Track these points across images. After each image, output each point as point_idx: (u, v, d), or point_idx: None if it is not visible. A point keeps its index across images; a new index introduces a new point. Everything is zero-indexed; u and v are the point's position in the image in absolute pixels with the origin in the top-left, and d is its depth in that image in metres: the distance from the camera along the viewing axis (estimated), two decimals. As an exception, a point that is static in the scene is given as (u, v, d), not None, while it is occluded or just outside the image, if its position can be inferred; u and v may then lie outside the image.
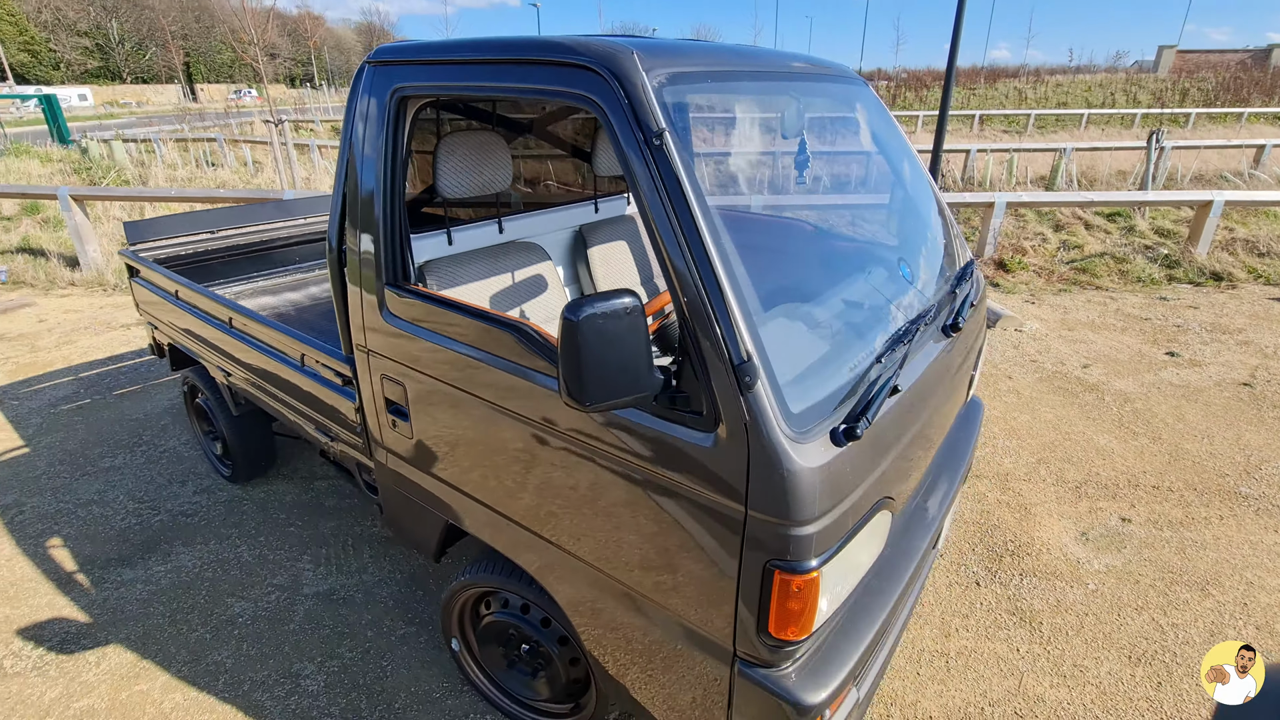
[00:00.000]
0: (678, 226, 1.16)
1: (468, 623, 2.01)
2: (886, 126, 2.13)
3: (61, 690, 2.19)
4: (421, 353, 1.67)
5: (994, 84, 34.17)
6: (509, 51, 1.43)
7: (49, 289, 6.66)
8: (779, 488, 1.12)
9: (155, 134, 14.98)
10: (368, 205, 1.70)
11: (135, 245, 3.30)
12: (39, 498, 3.22)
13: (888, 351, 1.41)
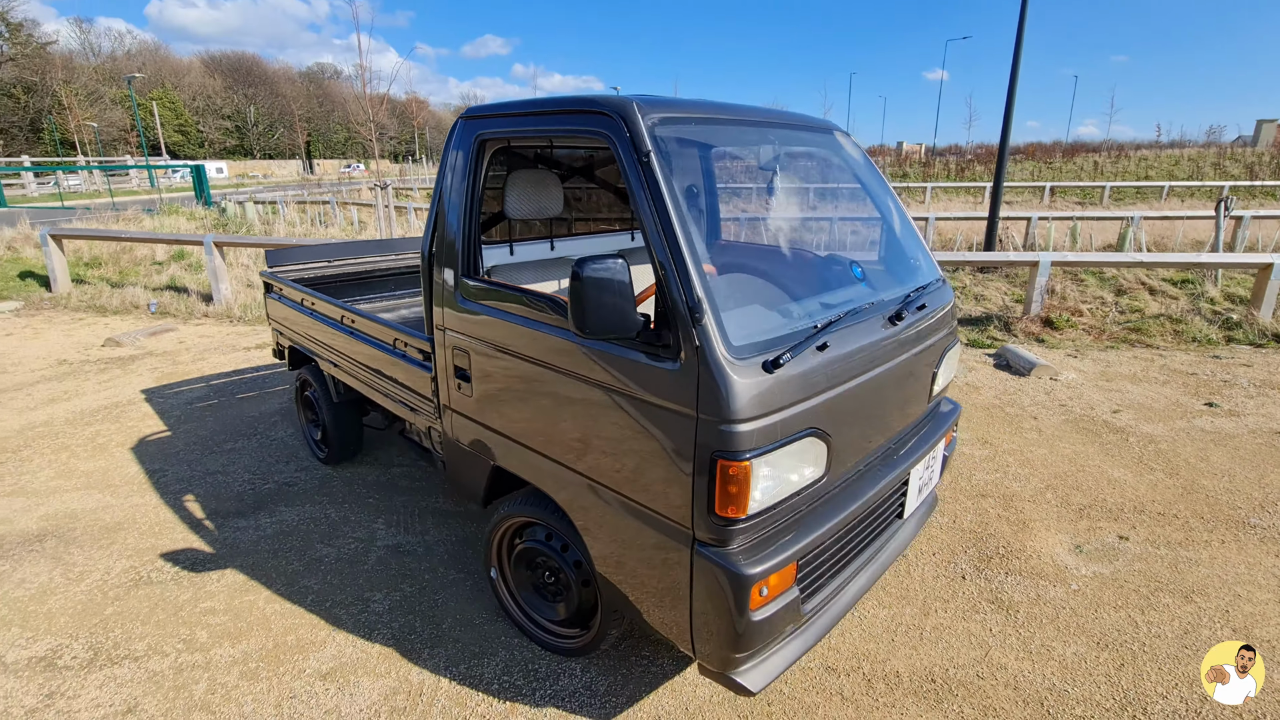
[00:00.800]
0: (655, 215, 1.68)
1: (505, 552, 2.47)
2: (862, 166, 2.62)
3: (190, 595, 2.78)
4: (483, 326, 2.23)
5: (1072, 158, 33.78)
6: (557, 105, 2.03)
7: (188, 319, 7.87)
8: (720, 395, 1.57)
9: (279, 198, 17.20)
10: (454, 218, 2.32)
11: (273, 268, 4.13)
12: (178, 467, 3.97)
13: (826, 322, 1.85)
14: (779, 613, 1.76)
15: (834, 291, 2.15)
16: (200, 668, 2.38)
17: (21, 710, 2.20)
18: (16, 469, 3.96)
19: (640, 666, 2.36)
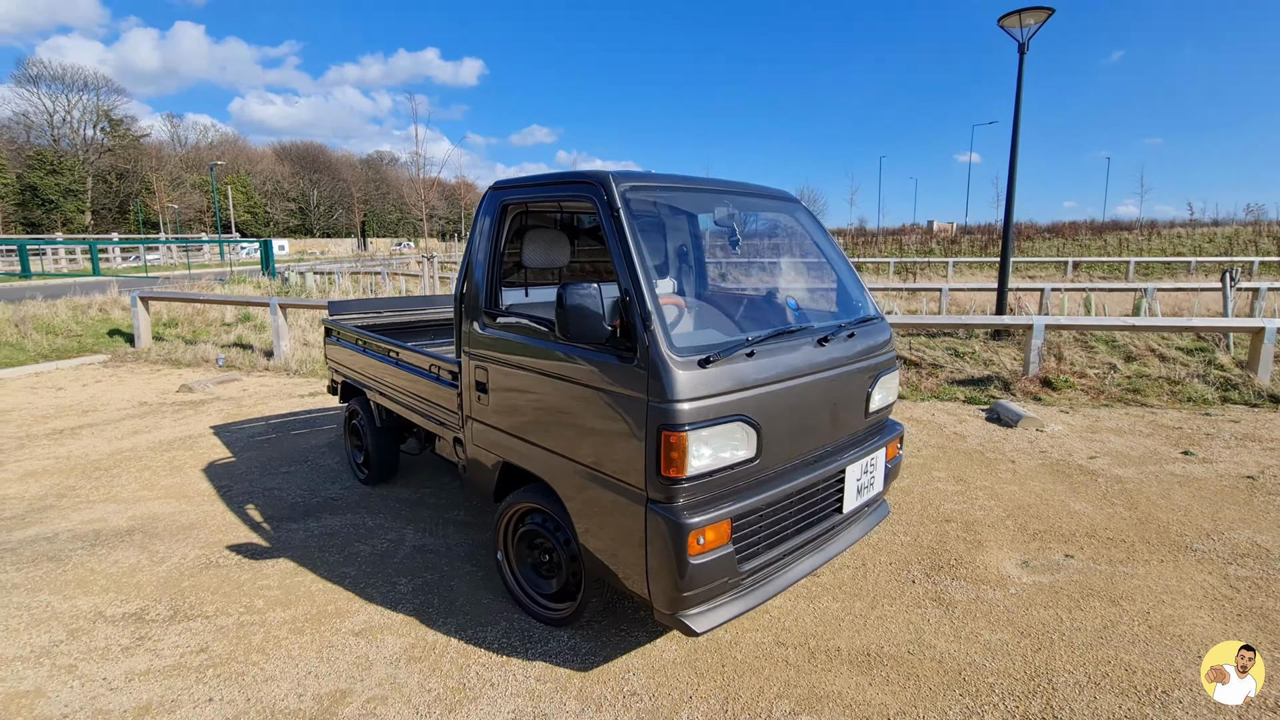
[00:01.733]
0: (621, 253, 2.28)
1: (510, 536, 2.96)
2: (812, 227, 3.22)
3: (250, 576, 3.32)
4: (499, 347, 2.83)
5: (1100, 236, 34.08)
6: (560, 177, 2.71)
7: (251, 371, 8.77)
8: (663, 381, 2.11)
9: (336, 269, 18.76)
10: (480, 265, 2.98)
11: (334, 316, 4.88)
12: (241, 484, 4.60)
13: (759, 338, 2.40)
14: (716, 562, 2.21)
15: (771, 320, 2.70)
16: (257, 625, 2.89)
17: (119, 648, 2.73)
18: (109, 483, 4.64)
19: (618, 636, 2.78)
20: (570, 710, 2.35)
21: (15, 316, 10.31)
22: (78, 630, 2.86)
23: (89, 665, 2.63)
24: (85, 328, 10.60)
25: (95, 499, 4.34)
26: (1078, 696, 2.39)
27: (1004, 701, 2.37)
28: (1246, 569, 3.28)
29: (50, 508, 4.20)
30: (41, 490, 4.50)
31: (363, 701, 2.40)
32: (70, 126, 56.77)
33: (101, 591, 3.18)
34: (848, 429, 2.84)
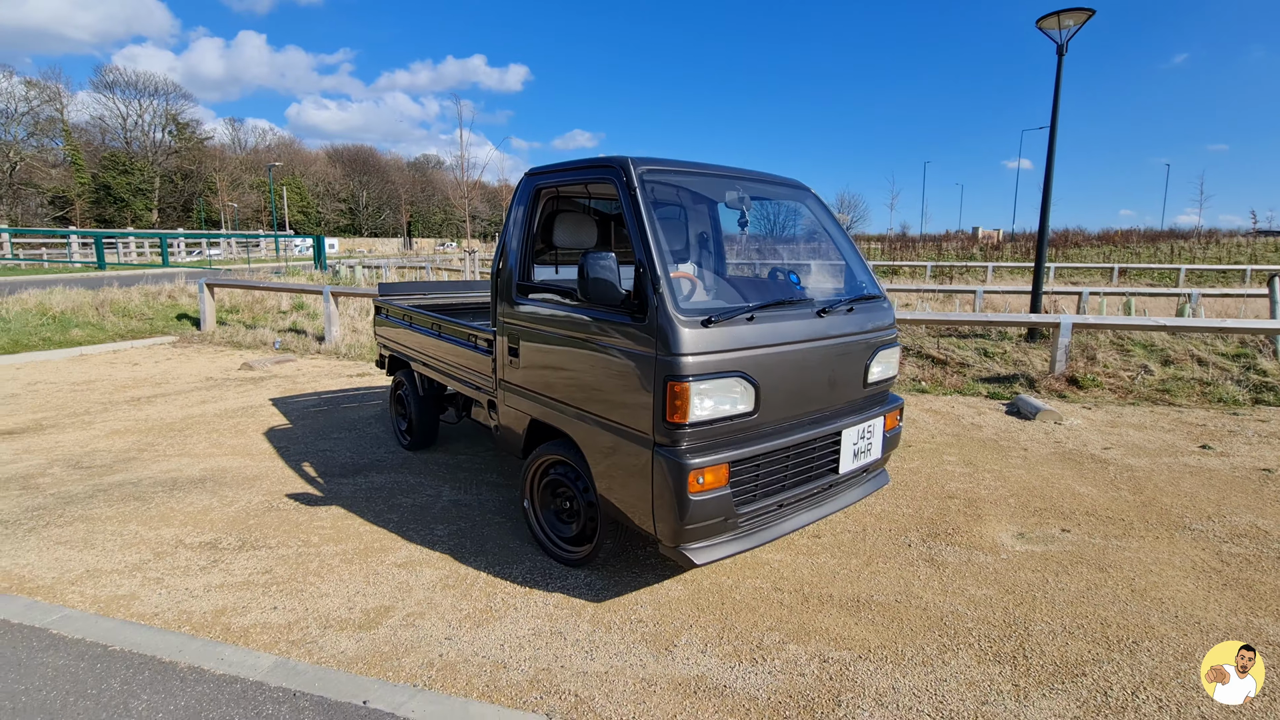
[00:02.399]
0: (636, 228, 2.58)
1: (536, 485, 3.29)
2: (821, 213, 3.46)
3: (307, 518, 3.73)
4: (529, 315, 3.16)
5: (1153, 243, 32.90)
6: (587, 163, 3.03)
7: (304, 354, 9.36)
8: (669, 337, 2.40)
9: (384, 263, 19.59)
10: (515, 243, 3.32)
11: (384, 296, 5.32)
12: (297, 446, 5.06)
13: (760, 305, 2.67)
14: (714, 501, 2.49)
15: (775, 293, 2.96)
16: (313, 555, 3.28)
17: (197, 567, 3.16)
18: (182, 441, 5.16)
19: (630, 577, 3.07)
20: (583, 631, 2.65)
21: (95, 301, 11.19)
22: (162, 553, 3.30)
23: (173, 579, 3.05)
24: (156, 312, 11.43)
25: (171, 454, 4.85)
26: (1049, 641, 2.58)
27: (979, 642, 2.58)
28: (1240, 547, 3.38)
29: (133, 459, 4.72)
30: (125, 445, 5.04)
31: (403, 615, 2.75)
32: (141, 130, 60.13)
33: (180, 525, 3.63)
34: (846, 396, 3.08)
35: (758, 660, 2.47)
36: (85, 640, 2.52)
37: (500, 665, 2.42)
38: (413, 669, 2.40)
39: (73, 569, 3.13)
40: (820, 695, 2.27)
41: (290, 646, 2.53)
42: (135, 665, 2.38)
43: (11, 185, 47.08)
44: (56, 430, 5.44)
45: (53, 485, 4.20)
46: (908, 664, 2.44)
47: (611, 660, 2.46)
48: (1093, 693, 2.28)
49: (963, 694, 2.28)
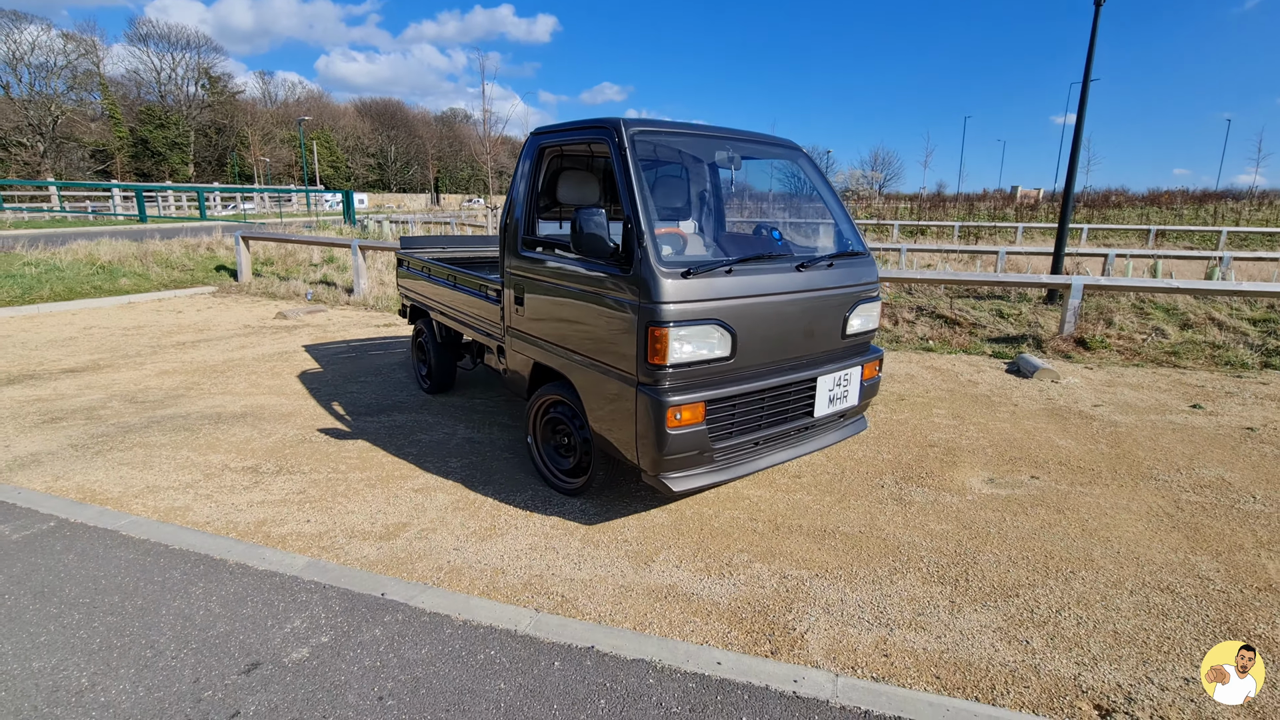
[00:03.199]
0: (625, 186, 2.81)
1: (538, 422, 3.62)
2: (813, 174, 3.63)
3: (336, 449, 4.14)
4: (533, 265, 3.43)
5: (1202, 204, 31.53)
6: (585, 123, 3.24)
7: (334, 304, 9.81)
8: (651, 287, 2.65)
9: (410, 219, 19.97)
10: (522, 198, 3.57)
11: (406, 249, 5.63)
12: (327, 388, 5.48)
13: (739, 259, 2.89)
14: (690, 435, 2.78)
15: (758, 248, 3.17)
16: (341, 480, 3.69)
17: (241, 487, 3.58)
18: (224, 381, 5.62)
19: (620, 505, 3.41)
20: (574, 547, 3.00)
21: (140, 252, 11.77)
22: (211, 474, 3.74)
23: (221, 495, 3.48)
24: (196, 263, 11.98)
25: (215, 392, 5.31)
26: (992, 569, 2.85)
27: (927, 567, 2.86)
28: (1200, 496, 3.57)
29: (181, 396, 5.19)
30: (174, 384, 5.52)
31: (418, 530, 3.13)
32: (175, 83, 60.75)
33: (225, 452, 4.07)
34: (823, 346, 3.31)
35: (724, 575, 2.79)
36: (149, 541, 2.96)
37: (499, 571, 2.79)
38: (424, 572, 2.78)
39: (135, 485, 3.58)
40: (774, 603, 2.59)
41: (320, 551, 2.93)
42: (192, 561, 2.80)
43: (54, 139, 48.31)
44: (112, 369, 5.95)
45: (113, 416, 4.68)
46: (859, 582, 2.74)
47: (596, 570, 2.81)
48: (1020, 610, 2.56)
49: (902, 607, 2.57)
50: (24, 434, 4.33)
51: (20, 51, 48.15)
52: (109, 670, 2.14)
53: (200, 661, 2.19)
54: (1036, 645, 2.35)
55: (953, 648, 2.33)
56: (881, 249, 14.06)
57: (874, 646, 2.33)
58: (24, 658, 2.20)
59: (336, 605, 2.50)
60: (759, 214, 3.93)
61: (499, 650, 2.25)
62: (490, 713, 1.98)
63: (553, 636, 2.33)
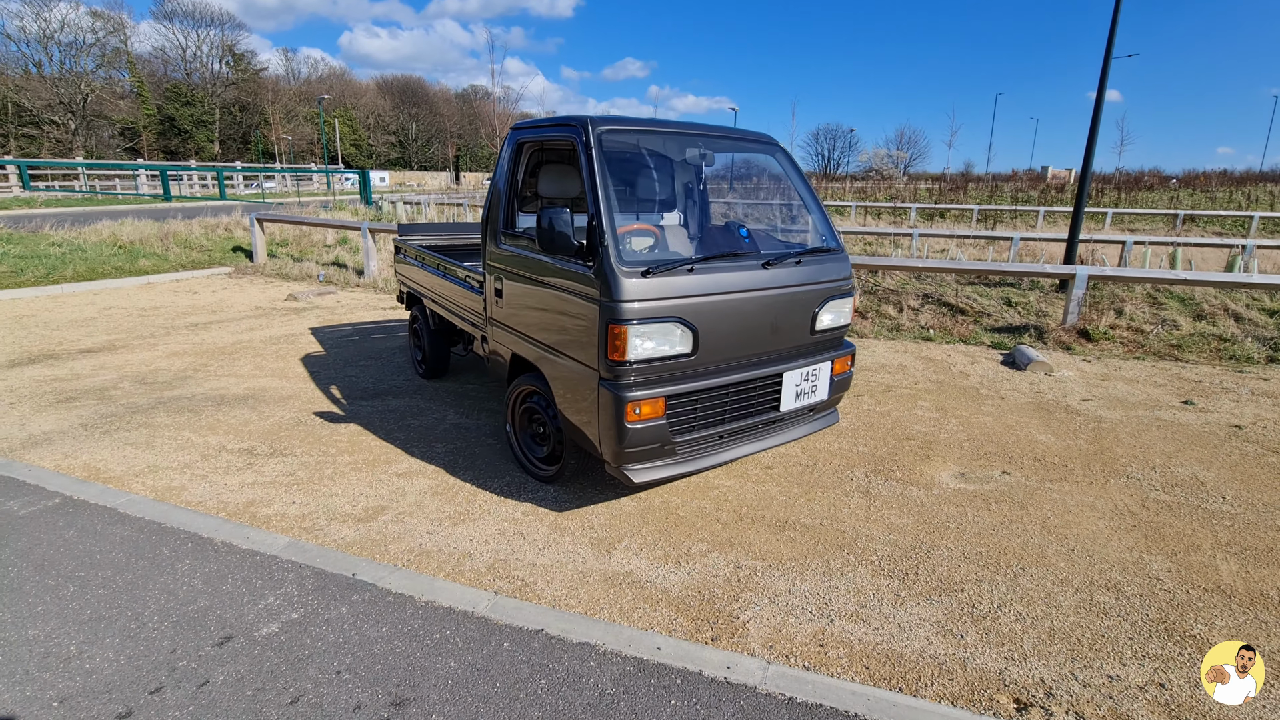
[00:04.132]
0: (590, 183, 2.88)
1: (515, 411, 3.74)
2: (788, 167, 3.65)
3: (328, 432, 4.31)
4: (510, 259, 3.52)
5: (1239, 186, 30.41)
6: (556, 120, 3.30)
7: (345, 286, 10.02)
8: (611, 286, 2.73)
9: (425, 200, 20.13)
10: (501, 195, 3.65)
11: (403, 237, 5.76)
12: (328, 371, 5.66)
13: (702, 257, 2.95)
14: (650, 429, 2.87)
15: (725, 246, 3.23)
16: (329, 463, 3.86)
17: (235, 468, 3.77)
18: (230, 363, 5.84)
19: (592, 494, 3.53)
20: (541, 533, 3.14)
21: (160, 233, 12.09)
22: (208, 455, 3.94)
23: (215, 476, 3.67)
24: (214, 244, 12.28)
25: (221, 374, 5.53)
26: (943, 563, 2.92)
27: (880, 560, 2.94)
28: (1170, 495, 3.59)
29: (189, 378, 5.41)
30: (183, 365, 5.75)
31: (395, 514, 3.29)
32: (200, 61, 61.38)
33: (224, 433, 4.26)
34: (791, 341, 3.36)
35: (680, 563, 2.90)
36: (144, 519, 3.15)
37: (466, 555, 2.94)
38: (396, 554, 2.93)
39: (137, 465, 3.79)
40: (724, 592, 2.69)
41: (302, 532, 3.10)
42: (180, 539, 2.99)
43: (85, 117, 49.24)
44: (126, 350, 6.20)
45: (123, 397, 4.92)
46: (810, 574, 2.84)
47: (558, 556, 2.94)
48: (962, 604, 2.63)
49: (847, 599, 2.67)
50: (40, 413, 4.58)
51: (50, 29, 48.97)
52: (96, 639, 2.33)
53: (179, 634, 2.37)
54: (970, 639, 2.43)
55: (888, 640, 2.42)
56: (894, 234, 13.88)
57: (811, 637, 2.44)
58: (20, 626, 2.40)
59: (310, 584, 2.67)
60: (733, 210, 3.96)
61: (454, 630, 2.40)
62: (437, 689, 2.12)
63: (507, 619, 2.47)
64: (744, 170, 3.86)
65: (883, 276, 9.86)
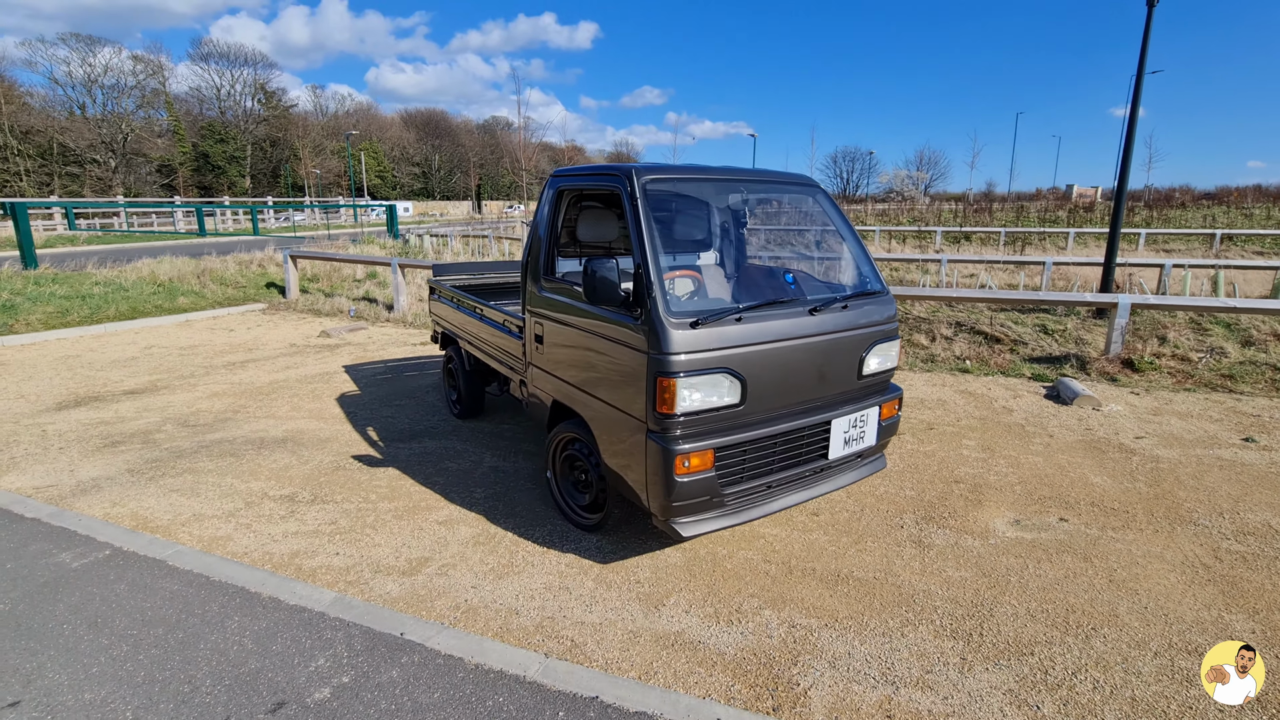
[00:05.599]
0: (636, 233, 2.87)
1: (556, 458, 3.70)
2: (828, 209, 3.62)
3: (368, 477, 4.31)
4: (552, 306, 3.52)
5: (1277, 203, 29.72)
6: (599, 169, 3.32)
7: (375, 321, 10.16)
8: (659, 338, 2.70)
9: (450, 232, 20.47)
10: (542, 239, 3.67)
11: (437, 278, 5.82)
12: (364, 411, 5.70)
13: (750, 306, 2.92)
14: (699, 482, 2.81)
15: (770, 292, 3.19)
16: (370, 510, 3.85)
17: (278, 516, 3.78)
18: (268, 404, 5.91)
19: (636, 544, 3.46)
20: (587, 587, 3.07)
21: (197, 270, 12.43)
22: (252, 502, 3.95)
23: (260, 525, 3.68)
24: (248, 280, 12.57)
25: (259, 415, 5.59)
26: (1009, 623, 2.80)
27: (941, 619, 2.82)
28: (1242, 545, 3.42)
29: (229, 420, 5.48)
30: (223, 407, 5.83)
31: (439, 565, 3.26)
32: (233, 99, 63.85)
33: (266, 479, 4.29)
34: (838, 388, 3.29)
35: (733, 622, 2.81)
36: (193, 571, 3.15)
37: (513, 612, 2.88)
38: (442, 610, 2.89)
39: (183, 513, 3.81)
40: (781, 655, 2.60)
41: (347, 586, 3.07)
42: (229, 593, 2.98)
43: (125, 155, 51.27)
44: (168, 391, 6.32)
45: (166, 440, 4.99)
46: (868, 634, 2.73)
47: (607, 614, 2.87)
48: (1034, 670, 2.51)
49: (911, 663, 2.55)
50: (88, 458, 4.65)
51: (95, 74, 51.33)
52: (151, 705, 2.31)
53: (232, 699, 2.34)
54: (1047, 711, 2.30)
55: (959, 710, 2.31)
56: (921, 259, 13.76)
57: (878, 706, 2.33)
58: (78, 689, 2.39)
59: (358, 644, 2.63)
60: (775, 254, 3.94)
61: (507, 698, 2.34)
62: (494, 764, 2.06)
63: (560, 684, 2.40)
64: (784, 213, 3.84)
65: (912, 304, 9.73)
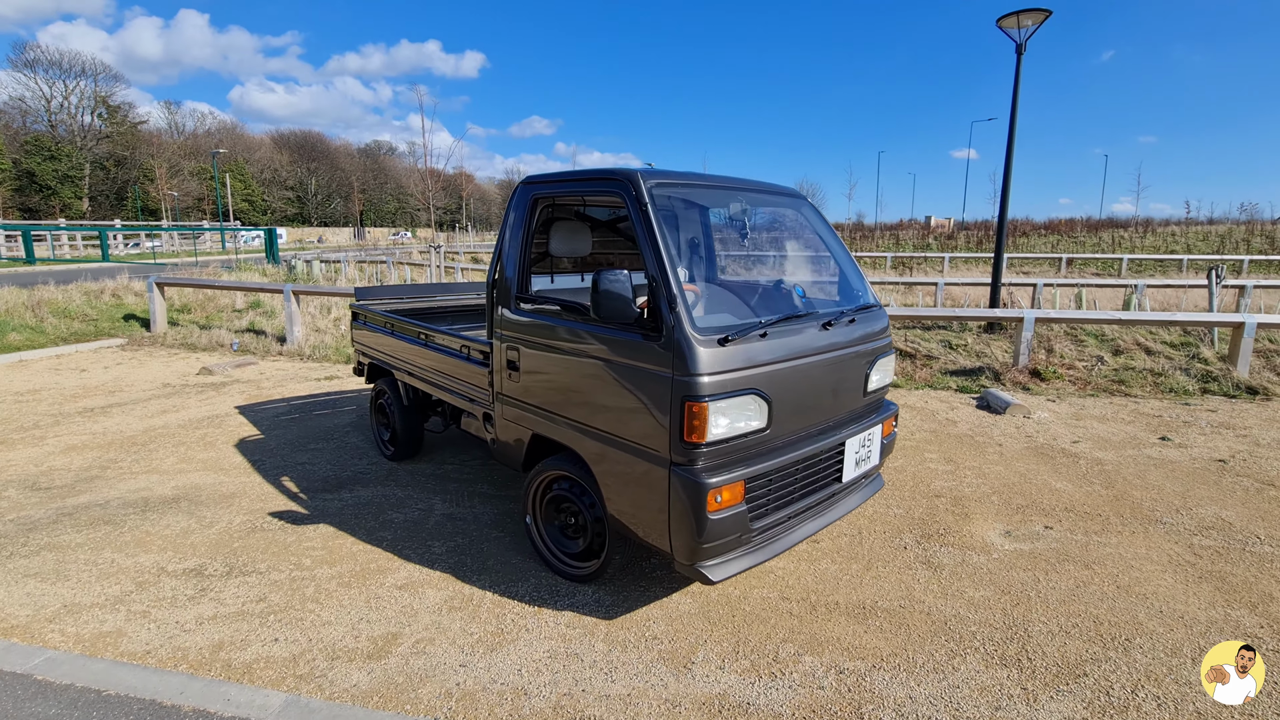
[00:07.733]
0: (649, 244, 2.55)
1: (538, 501, 3.24)
2: (819, 223, 3.49)
3: (295, 539, 3.60)
4: (530, 328, 3.09)
5: (1096, 233, 34.42)
6: (589, 174, 2.97)
7: (265, 355, 9.00)
8: (687, 357, 2.38)
9: (341, 258, 18.97)
10: (513, 252, 3.24)
11: (361, 302, 5.14)
12: (272, 459, 4.86)
13: (771, 320, 2.67)
14: (731, 519, 2.49)
15: (780, 306, 2.98)
16: (307, 580, 3.17)
17: (185, 597, 3.01)
18: (147, 456, 4.91)
19: (637, 591, 3.07)
20: (599, 650, 2.64)
21: (30, 301, 10.50)
22: (144, 582, 3.14)
23: (160, 611, 2.90)
24: (100, 312, 10.81)
25: (137, 471, 4.61)
26: (1049, 642, 2.69)
27: (984, 646, 2.67)
28: (1210, 540, 3.58)
29: (96, 478, 4.46)
30: (85, 462, 4.76)
31: (413, 642, 2.69)
32: (68, 113, 56.46)
33: (159, 550, 3.45)
34: (848, 406, 3.12)
35: (776, 675, 2.50)
36: (75, 685, 2.38)
37: (521, 692, 2.39)
38: (430, 700, 2.35)
39: (48, 605, 2.95)
40: (842, 708, 2.31)
41: (299, 682, 2.44)
42: (135, 712, 2.25)
43: (-78, 171, 43.66)
44: (5, 447, 5.10)
45: (11, 510, 3.94)
46: (920, 671, 2.51)
47: (632, 681, 2.46)
48: (1096, 693, 2.39)
49: (976, 700, 2.36)
50: (-107, 540, 3.56)
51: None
52: None
53: None
54: (1129, 738, 2.17)
55: (1046, 750, 2.12)
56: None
57: (966, 758, 2.09)
58: None
59: (330, 761, 2.04)
60: (771, 266, 3.76)
61: (546, 810, 1.87)
62: None
63: (605, 782, 1.97)
64: (776, 225, 3.67)
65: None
